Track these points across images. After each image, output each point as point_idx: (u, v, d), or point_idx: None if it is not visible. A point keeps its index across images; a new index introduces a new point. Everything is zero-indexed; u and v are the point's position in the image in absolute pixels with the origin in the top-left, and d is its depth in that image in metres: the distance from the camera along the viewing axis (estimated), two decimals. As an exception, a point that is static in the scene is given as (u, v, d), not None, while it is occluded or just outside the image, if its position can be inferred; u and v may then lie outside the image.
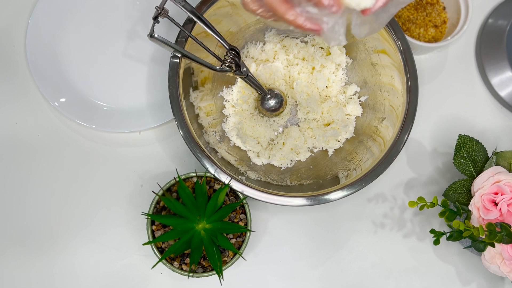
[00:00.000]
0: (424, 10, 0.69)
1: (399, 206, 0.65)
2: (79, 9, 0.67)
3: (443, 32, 0.69)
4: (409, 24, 0.68)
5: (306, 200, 0.55)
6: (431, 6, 0.69)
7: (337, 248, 0.64)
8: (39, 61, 0.64)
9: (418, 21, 0.68)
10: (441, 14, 0.69)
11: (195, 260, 0.53)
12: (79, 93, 0.65)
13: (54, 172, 0.64)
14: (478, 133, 0.67)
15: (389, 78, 0.61)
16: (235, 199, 0.57)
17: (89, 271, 0.61)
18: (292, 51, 0.65)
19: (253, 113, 0.64)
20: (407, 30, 0.68)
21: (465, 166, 0.59)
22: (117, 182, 0.64)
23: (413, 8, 0.69)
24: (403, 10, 0.68)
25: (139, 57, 0.66)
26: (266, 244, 0.63)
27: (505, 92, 0.68)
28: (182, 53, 0.53)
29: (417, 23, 0.68)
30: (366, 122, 0.64)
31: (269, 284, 0.62)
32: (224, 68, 0.55)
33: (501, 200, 0.53)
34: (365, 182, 0.56)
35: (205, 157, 0.54)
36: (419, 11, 0.68)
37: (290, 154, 0.63)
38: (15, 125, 0.65)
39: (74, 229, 0.62)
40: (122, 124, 0.63)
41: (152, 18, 0.50)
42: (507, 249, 0.53)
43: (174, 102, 0.55)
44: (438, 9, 0.69)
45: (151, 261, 0.61)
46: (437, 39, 0.69)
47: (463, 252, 0.65)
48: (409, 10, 0.69)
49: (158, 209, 0.57)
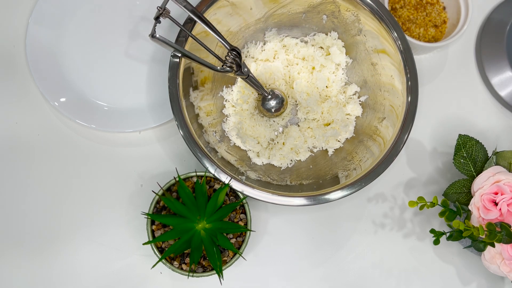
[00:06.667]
0: (424, 10, 0.69)
1: (399, 206, 0.65)
2: (79, 9, 0.67)
3: (443, 32, 0.69)
4: (409, 24, 0.68)
5: (306, 200, 0.55)
6: (431, 6, 0.69)
7: (337, 248, 0.64)
8: (39, 61, 0.64)
9: (418, 21, 0.68)
10: (441, 14, 0.69)
11: (195, 260, 0.53)
12: (79, 93, 0.65)
13: (54, 172, 0.63)
14: (478, 133, 0.67)
15: (389, 78, 0.61)
16: (235, 199, 0.57)
17: (89, 271, 0.61)
18: (292, 51, 0.65)
19: (253, 113, 0.64)
20: (407, 30, 0.68)
21: (465, 166, 0.59)
22: (117, 182, 0.64)
23: (413, 8, 0.69)
24: (403, 10, 0.68)
25: (139, 57, 0.66)
26: (266, 244, 0.63)
27: (505, 92, 0.68)
28: (184, 53, 0.53)
29: (417, 23, 0.68)
30: (366, 122, 0.64)
31: (269, 284, 0.62)
32: (225, 69, 0.55)
33: (501, 200, 0.53)
34: (365, 182, 0.56)
35: (205, 157, 0.54)
36: (419, 11, 0.68)
37: (290, 154, 0.63)
38: (15, 125, 0.65)
39: (74, 229, 0.62)
40: (122, 124, 0.63)
41: (154, 18, 0.50)
42: (507, 249, 0.53)
43: (174, 102, 0.55)
44: (438, 9, 0.70)
45: (151, 261, 0.61)
46: (437, 39, 0.69)
47: (463, 252, 0.65)
48: (409, 10, 0.69)
49: (158, 209, 0.57)
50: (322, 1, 0.61)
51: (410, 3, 0.69)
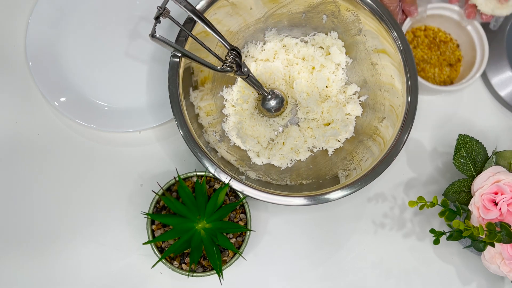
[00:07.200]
0: (438, 49, 0.67)
1: (399, 206, 0.65)
2: (79, 9, 0.67)
3: (458, 70, 0.68)
4: (423, 64, 0.67)
5: (306, 200, 0.55)
6: (445, 44, 0.68)
7: (337, 248, 0.64)
8: (39, 61, 0.64)
9: (432, 60, 0.67)
10: (455, 52, 0.68)
11: (195, 260, 0.53)
12: (79, 92, 0.65)
13: (54, 171, 0.63)
14: (478, 133, 0.67)
15: (389, 78, 0.61)
16: (235, 198, 0.57)
17: (89, 271, 0.61)
18: (292, 51, 0.65)
19: (253, 113, 0.64)
20: (422, 70, 0.67)
21: (465, 165, 0.59)
22: (117, 181, 0.64)
23: (426, 47, 0.68)
24: (416, 51, 0.67)
25: (139, 57, 0.66)
26: (266, 244, 0.63)
27: (505, 92, 0.68)
28: (184, 53, 0.53)
29: (432, 63, 0.67)
30: (366, 121, 0.64)
31: (269, 284, 0.62)
32: (225, 69, 0.55)
33: (501, 199, 0.53)
34: (365, 182, 0.56)
35: (205, 157, 0.54)
36: (432, 50, 0.67)
37: (290, 154, 0.63)
38: (15, 124, 0.65)
39: (74, 229, 0.62)
40: (122, 124, 0.63)
41: (154, 18, 0.50)
42: (507, 249, 0.53)
43: (174, 101, 0.55)
44: (452, 47, 0.68)
45: (151, 260, 0.61)
46: (453, 78, 0.68)
47: (463, 252, 0.65)
48: (423, 50, 0.67)
49: (158, 208, 0.57)
50: (322, 1, 0.61)
51: (424, 42, 0.68)
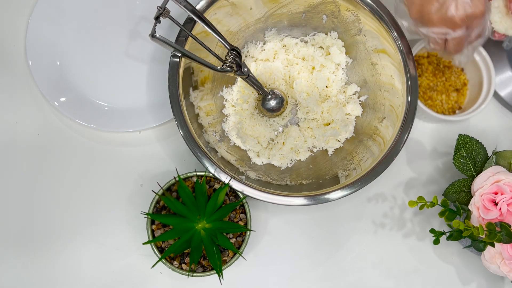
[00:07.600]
0: (443, 75, 0.66)
1: (399, 206, 0.65)
2: (79, 9, 0.67)
3: (464, 94, 0.67)
4: (430, 92, 0.66)
5: (306, 200, 0.55)
6: (449, 70, 0.67)
7: (337, 248, 0.64)
8: (39, 61, 0.64)
9: (438, 87, 0.66)
10: (460, 77, 0.68)
11: (195, 260, 0.53)
12: (79, 92, 0.65)
13: (54, 171, 0.63)
14: (478, 133, 0.67)
15: (389, 78, 0.61)
16: (235, 198, 0.57)
17: (89, 271, 0.61)
18: (292, 51, 0.65)
19: (253, 113, 0.64)
20: (429, 98, 0.66)
21: (465, 165, 0.59)
22: (117, 181, 0.64)
23: (431, 74, 0.67)
24: (422, 79, 0.66)
25: (139, 57, 0.66)
26: (266, 244, 0.63)
27: (505, 92, 0.68)
28: (184, 53, 0.53)
29: (438, 90, 0.66)
30: (366, 121, 0.64)
31: (269, 284, 0.62)
32: (225, 68, 0.55)
33: (501, 199, 0.53)
34: (365, 181, 0.56)
35: (205, 157, 0.54)
36: (438, 77, 0.66)
37: (290, 154, 0.63)
38: (15, 124, 0.65)
39: (74, 229, 0.62)
40: (122, 124, 0.63)
41: (154, 18, 0.50)
42: (507, 249, 0.53)
43: (174, 101, 0.55)
44: (456, 71, 0.68)
45: (151, 260, 0.61)
46: (460, 103, 0.67)
47: (463, 252, 0.65)
48: (428, 78, 0.66)
49: (158, 208, 0.57)
50: (322, 1, 0.61)
51: (428, 70, 0.67)
